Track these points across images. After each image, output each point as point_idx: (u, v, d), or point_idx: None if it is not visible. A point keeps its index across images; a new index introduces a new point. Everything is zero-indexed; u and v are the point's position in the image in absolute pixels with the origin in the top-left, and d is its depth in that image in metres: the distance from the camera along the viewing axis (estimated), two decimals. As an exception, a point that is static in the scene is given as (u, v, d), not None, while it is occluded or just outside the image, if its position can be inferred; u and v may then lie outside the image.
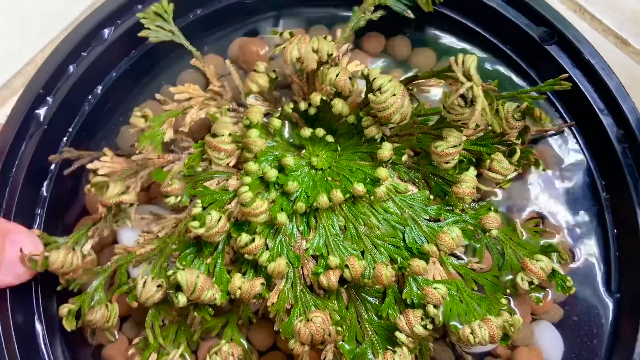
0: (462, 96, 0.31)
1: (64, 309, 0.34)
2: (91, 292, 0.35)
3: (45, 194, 0.37)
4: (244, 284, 0.34)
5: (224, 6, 0.41)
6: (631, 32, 0.44)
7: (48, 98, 0.36)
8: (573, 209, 0.39)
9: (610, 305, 0.38)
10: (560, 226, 0.39)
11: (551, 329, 0.38)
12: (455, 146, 0.34)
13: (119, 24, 0.38)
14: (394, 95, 0.33)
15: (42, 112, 0.36)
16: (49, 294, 0.37)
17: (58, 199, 0.38)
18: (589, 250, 0.39)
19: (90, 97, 0.38)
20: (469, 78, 0.31)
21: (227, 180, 0.37)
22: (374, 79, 0.34)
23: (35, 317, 0.37)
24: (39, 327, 0.36)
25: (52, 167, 0.38)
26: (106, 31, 0.37)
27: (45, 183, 0.37)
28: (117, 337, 0.37)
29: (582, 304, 0.38)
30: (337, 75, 0.35)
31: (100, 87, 0.39)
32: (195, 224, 0.33)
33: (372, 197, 0.35)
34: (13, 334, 0.34)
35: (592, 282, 0.38)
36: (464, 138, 0.35)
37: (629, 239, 0.37)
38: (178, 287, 0.33)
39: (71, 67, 0.37)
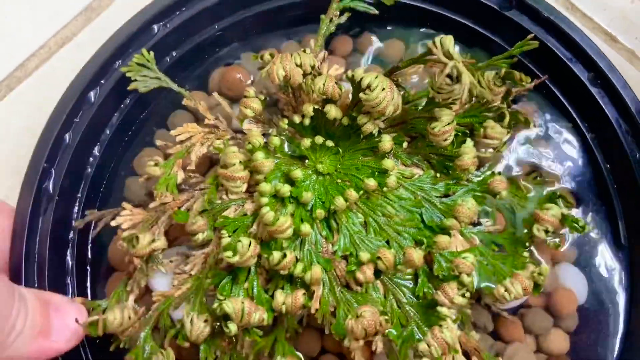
0: (448, 75, 0.33)
1: (123, 365, 0.34)
2: (141, 344, 0.36)
3: (70, 262, 0.38)
4: (287, 299, 0.35)
5: (197, 44, 0.42)
6: (619, 30, 0.47)
7: (52, 170, 0.37)
8: (564, 155, 0.42)
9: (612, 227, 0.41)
10: (556, 174, 0.41)
11: (573, 269, 0.41)
12: (449, 123, 0.36)
13: (103, 83, 0.38)
14: (384, 89, 0.35)
15: (50, 185, 0.37)
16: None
17: (83, 264, 0.39)
18: (587, 187, 0.41)
19: (90, 159, 0.39)
20: (449, 57, 0.33)
21: (242, 206, 0.38)
22: (361, 78, 0.35)
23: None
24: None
25: (71, 235, 0.38)
26: (92, 94, 0.38)
27: (68, 252, 0.38)
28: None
29: (590, 238, 0.41)
30: (324, 84, 0.37)
31: (97, 148, 0.40)
32: (229, 253, 0.34)
33: (384, 189, 0.37)
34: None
35: (596, 216, 0.41)
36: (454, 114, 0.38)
37: (621, 168, 0.40)
38: (226, 317, 0.35)
39: (67, 136, 0.38)
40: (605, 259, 0.41)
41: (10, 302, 0.31)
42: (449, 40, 0.33)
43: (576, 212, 0.41)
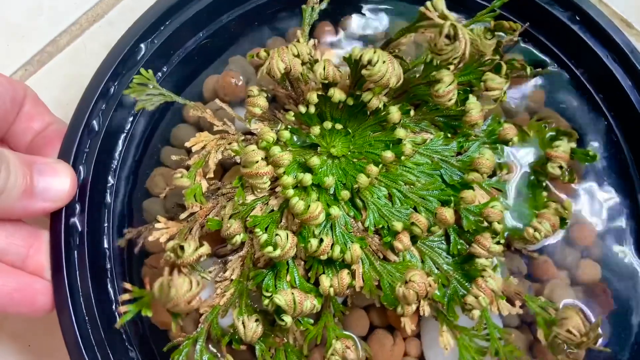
0: (446, 36, 0.34)
1: (188, 380, 0.35)
2: (199, 356, 0.36)
3: (111, 291, 0.38)
4: (333, 281, 0.36)
5: (185, 55, 0.42)
6: (635, 16, 0.50)
7: (76, 205, 0.37)
8: (559, 95, 0.43)
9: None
10: (556, 114, 0.43)
11: (589, 200, 0.42)
12: (451, 83, 0.37)
13: (103, 109, 0.39)
14: (384, 62, 0.36)
15: (76, 220, 0.37)
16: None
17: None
18: (586, 120, 0.43)
19: (107, 186, 0.39)
20: (444, 18, 0.34)
21: (267, 203, 0.39)
22: (360, 55, 0.36)
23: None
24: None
25: (108, 265, 0.38)
26: (95, 122, 0.38)
27: (108, 282, 0.38)
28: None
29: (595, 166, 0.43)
30: (324, 68, 0.37)
31: (110, 176, 0.40)
32: (269, 249, 0.35)
33: (401, 158, 0.38)
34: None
35: (600, 144, 0.43)
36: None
37: (613, 96, 0.42)
38: (278, 311, 0.35)
39: (81, 168, 0.37)
40: (613, 182, 0.43)
41: None
42: (441, 2, 0.34)
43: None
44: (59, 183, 0.35)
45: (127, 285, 0.32)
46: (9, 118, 0.38)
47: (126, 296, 0.31)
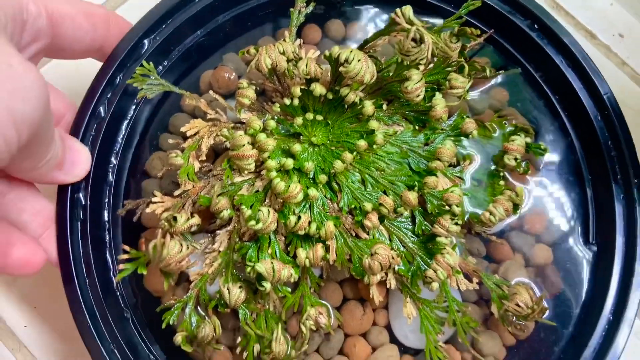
0: (413, 39, 0.39)
1: (178, 337, 0.39)
2: (188, 318, 0.41)
3: (109, 259, 0.42)
4: (309, 253, 0.41)
5: (183, 52, 0.47)
6: (598, 28, 0.55)
7: (81, 181, 0.41)
8: (518, 94, 0.48)
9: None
10: (515, 112, 0.48)
11: (543, 190, 0.47)
12: (419, 81, 0.42)
13: (109, 97, 0.43)
14: (359, 60, 0.40)
15: (80, 194, 0.41)
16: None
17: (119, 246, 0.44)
18: (542, 117, 0.48)
19: (110, 167, 0.44)
20: (411, 23, 0.39)
21: (253, 185, 0.43)
22: (339, 54, 0.41)
23: None
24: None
25: (107, 237, 0.43)
26: (101, 109, 0.43)
27: (106, 250, 0.42)
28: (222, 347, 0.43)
29: (554, 163, 0.48)
30: (307, 65, 0.42)
31: (113, 157, 0.44)
32: (252, 222, 0.39)
33: (374, 146, 0.43)
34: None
35: (554, 140, 0.47)
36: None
37: (567, 97, 0.46)
38: (259, 278, 0.40)
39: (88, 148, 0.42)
40: (565, 175, 0.47)
41: (51, 136, 0.35)
42: (408, 9, 0.39)
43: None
44: (82, 161, 0.40)
45: (126, 247, 0.36)
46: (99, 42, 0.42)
47: (124, 256, 0.36)
